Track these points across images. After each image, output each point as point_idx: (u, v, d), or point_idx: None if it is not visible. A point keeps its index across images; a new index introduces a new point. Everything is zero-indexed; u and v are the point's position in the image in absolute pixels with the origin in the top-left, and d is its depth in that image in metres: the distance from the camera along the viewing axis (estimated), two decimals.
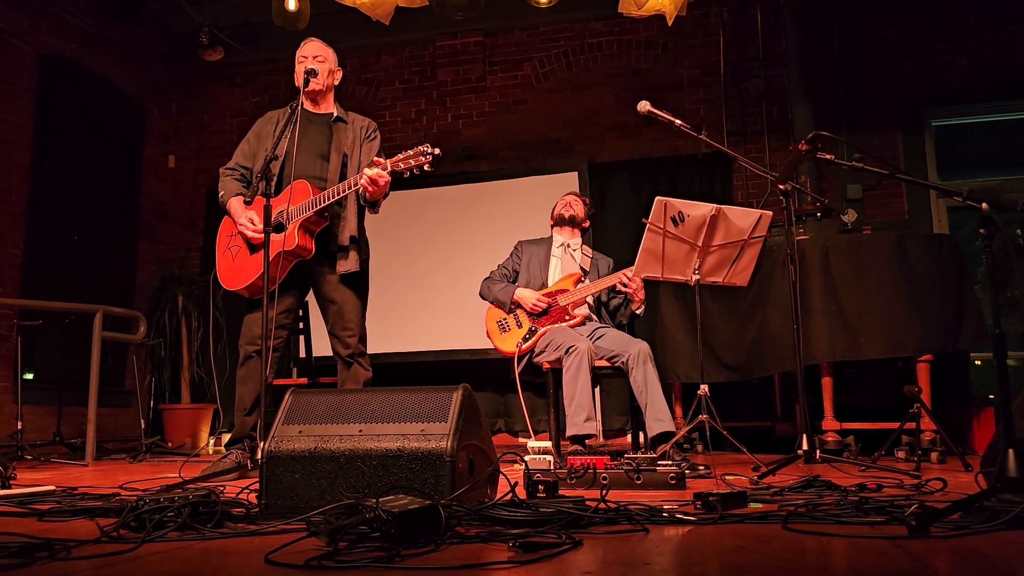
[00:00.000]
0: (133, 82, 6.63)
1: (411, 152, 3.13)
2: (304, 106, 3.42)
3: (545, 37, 6.54)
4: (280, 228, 3.16)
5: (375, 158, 3.24)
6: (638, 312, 3.85)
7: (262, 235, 3.07)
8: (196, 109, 7.12)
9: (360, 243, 3.39)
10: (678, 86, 6.20)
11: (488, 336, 3.95)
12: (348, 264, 3.33)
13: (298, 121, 3.19)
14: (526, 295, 3.90)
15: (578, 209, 4.09)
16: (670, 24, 4.94)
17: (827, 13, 5.87)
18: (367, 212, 3.42)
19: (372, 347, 6.03)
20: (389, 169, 3.15)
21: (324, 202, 3.19)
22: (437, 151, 3.10)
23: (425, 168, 3.11)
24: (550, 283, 3.97)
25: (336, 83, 3.55)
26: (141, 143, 6.71)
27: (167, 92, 7.08)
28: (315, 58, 3.45)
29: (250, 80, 7.04)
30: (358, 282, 3.41)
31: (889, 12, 5.90)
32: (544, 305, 3.84)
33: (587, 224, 4.15)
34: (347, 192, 3.21)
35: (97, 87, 6.21)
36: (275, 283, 3.09)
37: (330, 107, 3.52)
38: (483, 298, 4.06)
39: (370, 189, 3.16)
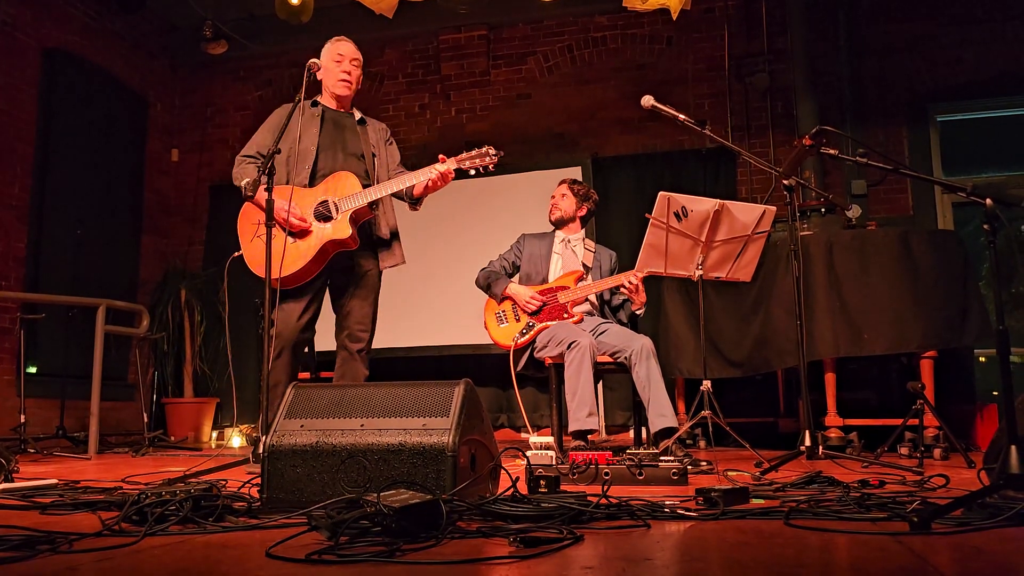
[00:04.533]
0: (137, 76, 6.63)
1: (475, 152, 3.29)
2: (328, 104, 3.51)
3: (549, 31, 6.52)
4: (325, 218, 3.23)
5: (441, 155, 3.33)
6: (638, 313, 3.85)
7: (308, 224, 3.21)
8: (199, 103, 7.12)
9: (399, 237, 3.50)
10: (683, 81, 6.18)
11: (485, 327, 3.94)
12: (394, 258, 3.46)
13: (324, 118, 3.32)
14: (520, 291, 3.87)
15: (565, 207, 4.02)
16: (675, 18, 4.93)
17: (833, 8, 5.85)
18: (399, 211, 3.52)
19: (376, 342, 6.05)
20: (455, 167, 3.28)
21: (381, 193, 3.27)
22: (502, 153, 3.30)
23: (489, 168, 3.29)
24: (551, 279, 3.96)
25: (359, 85, 3.64)
26: (144, 137, 6.72)
27: (170, 86, 7.08)
28: (352, 61, 3.51)
29: (253, 74, 7.03)
30: (380, 282, 3.49)
31: (895, 7, 5.88)
32: (537, 304, 3.81)
33: (584, 211, 4.07)
34: (411, 183, 3.30)
35: (100, 80, 6.21)
36: (313, 273, 3.23)
37: (350, 107, 3.59)
38: (478, 285, 4.05)
39: (439, 184, 3.28)
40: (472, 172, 3.30)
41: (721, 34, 6.13)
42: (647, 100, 3.24)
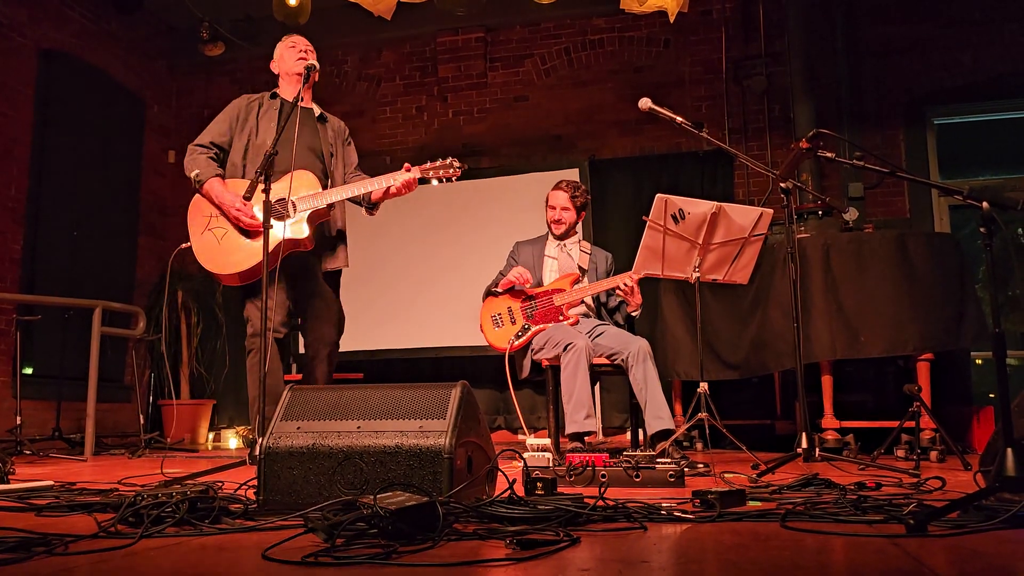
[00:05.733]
0: (133, 77, 6.63)
1: (438, 163, 3.28)
2: (287, 97, 3.43)
3: (547, 33, 6.53)
4: (281, 216, 3.16)
5: (406, 164, 3.31)
6: (634, 315, 3.85)
7: (258, 223, 3.08)
8: (196, 104, 7.11)
9: (345, 240, 3.44)
10: (680, 83, 6.19)
11: (481, 330, 3.93)
12: (337, 261, 3.40)
13: (294, 112, 3.17)
14: (514, 270, 3.84)
15: (567, 218, 3.97)
16: (672, 20, 4.93)
17: (830, 10, 5.86)
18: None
19: (373, 343, 6.06)
20: (419, 176, 3.26)
21: (351, 193, 3.23)
22: (465, 166, 3.29)
23: (453, 179, 3.28)
24: (546, 282, 3.96)
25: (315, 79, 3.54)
26: (141, 138, 6.71)
27: (167, 87, 7.08)
28: (308, 50, 3.45)
29: (250, 76, 7.02)
30: (338, 280, 3.46)
31: (892, 9, 5.89)
32: (528, 280, 3.80)
33: (582, 217, 4.05)
34: (372, 188, 3.25)
35: (97, 81, 6.20)
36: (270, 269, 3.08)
37: (310, 102, 3.52)
38: (485, 298, 4.05)
39: (403, 192, 3.27)
40: (435, 182, 3.31)
41: (718, 36, 6.14)
42: (644, 102, 3.24)
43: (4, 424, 4.71)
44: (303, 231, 3.17)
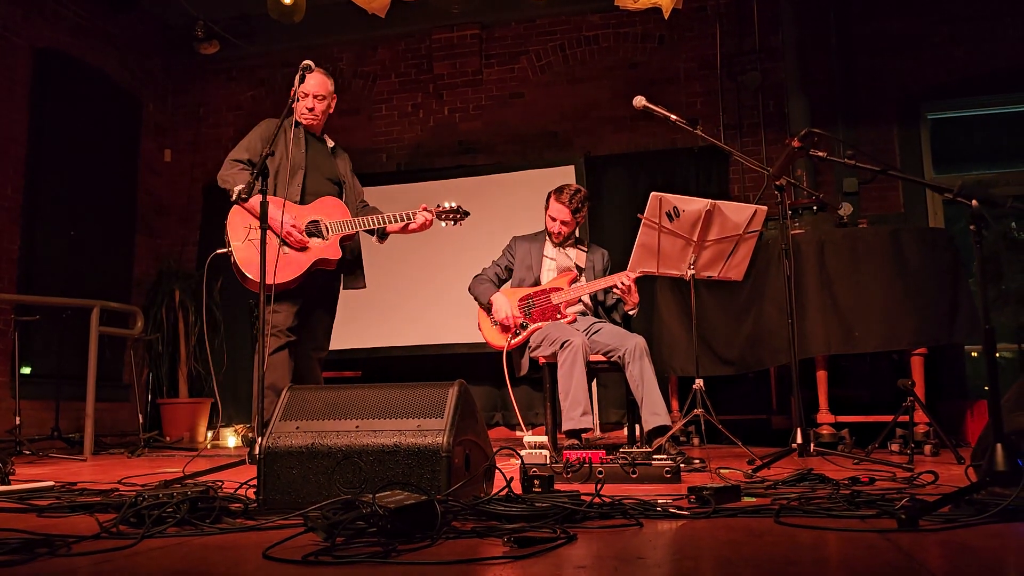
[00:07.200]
0: (129, 75, 6.61)
1: (449, 209, 3.70)
2: (305, 128, 3.68)
3: (542, 30, 6.53)
4: (314, 236, 3.48)
5: (424, 205, 3.67)
6: (631, 313, 3.86)
7: (308, 243, 3.42)
8: (192, 103, 7.11)
9: (362, 264, 3.75)
10: (675, 79, 6.20)
11: (479, 328, 3.96)
12: (358, 282, 3.74)
13: (306, 139, 3.56)
14: (501, 306, 3.85)
15: (567, 230, 3.94)
16: (667, 17, 4.94)
17: (824, 6, 5.87)
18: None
19: (371, 341, 6.07)
20: (432, 217, 3.66)
21: (376, 224, 3.55)
22: (469, 213, 3.76)
23: (459, 224, 3.74)
24: (543, 280, 3.97)
25: (331, 111, 3.78)
26: (137, 137, 6.70)
27: (163, 86, 7.06)
28: (315, 97, 3.63)
29: (246, 74, 7.02)
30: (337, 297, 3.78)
31: (886, 5, 5.90)
32: (514, 324, 3.82)
33: (581, 219, 4.05)
34: (397, 223, 3.60)
35: (93, 80, 6.19)
36: (298, 283, 3.44)
37: (323, 134, 3.78)
38: (470, 293, 4.08)
39: (419, 230, 3.67)
40: (443, 224, 3.70)
41: (713, 32, 6.15)
42: (639, 100, 3.26)
43: (3, 424, 4.71)
44: (338, 252, 3.49)
